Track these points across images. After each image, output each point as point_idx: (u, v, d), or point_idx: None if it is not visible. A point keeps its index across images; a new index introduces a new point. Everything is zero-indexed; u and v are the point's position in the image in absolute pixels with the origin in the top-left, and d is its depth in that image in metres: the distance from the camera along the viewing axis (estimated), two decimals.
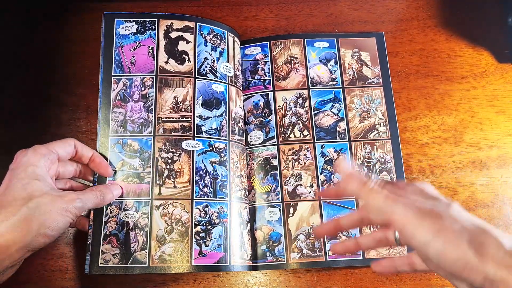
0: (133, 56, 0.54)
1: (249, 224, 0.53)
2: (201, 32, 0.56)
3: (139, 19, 0.55)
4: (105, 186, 0.49)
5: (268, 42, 0.60)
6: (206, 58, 0.55)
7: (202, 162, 0.52)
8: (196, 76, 0.54)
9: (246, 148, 0.56)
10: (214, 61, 0.55)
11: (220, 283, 0.52)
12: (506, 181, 0.56)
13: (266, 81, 0.58)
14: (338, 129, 0.57)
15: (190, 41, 0.55)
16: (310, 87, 0.58)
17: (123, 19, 0.55)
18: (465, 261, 0.29)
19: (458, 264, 0.30)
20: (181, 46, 0.55)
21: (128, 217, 0.49)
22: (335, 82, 0.58)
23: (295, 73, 0.58)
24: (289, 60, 0.59)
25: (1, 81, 0.57)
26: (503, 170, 0.56)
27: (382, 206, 0.34)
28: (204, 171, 0.51)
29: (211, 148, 0.52)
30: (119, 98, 0.53)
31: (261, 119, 0.57)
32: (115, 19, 0.55)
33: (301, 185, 0.54)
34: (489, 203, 0.55)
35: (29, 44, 0.59)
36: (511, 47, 0.61)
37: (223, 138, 0.53)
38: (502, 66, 0.61)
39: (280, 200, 0.54)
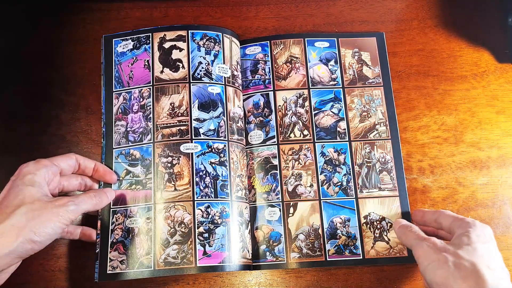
0: (131, 71, 0.56)
1: (249, 223, 0.53)
2: (194, 38, 0.57)
3: (135, 36, 0.57)
4: (99, 189, 0.49)
5: (268, 41, 0.60)
6: (200, 63, 0.55)
7: (202, 164, 0.52)
8: (191, 81, 0.55)
9: (246, 148, 0.56)
10: (208, 64, 0.56)
11: (220, 283, 0.52)
12: (506, 181, 0.56)
13: (267, 81, 0.58)
14: (338, 129, 0.57)
15: (183, 49, 0.56)
16: (310, 87, 0.58)
17: (121, 38, 0.58)
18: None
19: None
20: (175, 54, 0.56)
21: (133, 223, 0.50)
22: (335, 82, 0.58)
23: (296, 73, 0.58)
24: (289, 59, 0.59)
25: (1, 81, 0.57)
26: (503, 170, 0.56)
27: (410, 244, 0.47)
28: (204, 172, 0.51)
29: (210, 149, 0.52)
30: (120, 111, 0.55)
31: (261, 118, 0.57)
32: (114, 40, 0.58)
33: (301, 185, 0.54)
34: (489, 203, 0.55)
35: (29, 44, 0.59)
36: (511, 47, 0.61)
37: (221, 138, 0.53)
38: (502, 66, 0.61)
39: (280, 200, 0.54)
